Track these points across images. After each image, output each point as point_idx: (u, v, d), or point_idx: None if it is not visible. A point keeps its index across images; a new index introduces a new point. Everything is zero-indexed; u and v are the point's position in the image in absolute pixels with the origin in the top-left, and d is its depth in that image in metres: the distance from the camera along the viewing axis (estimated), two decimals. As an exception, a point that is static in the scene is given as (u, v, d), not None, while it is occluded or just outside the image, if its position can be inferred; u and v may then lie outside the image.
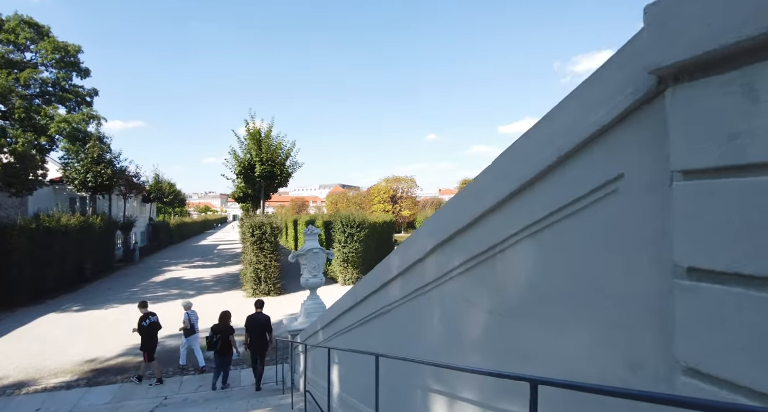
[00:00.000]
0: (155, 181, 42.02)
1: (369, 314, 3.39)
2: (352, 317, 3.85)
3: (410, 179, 36.86)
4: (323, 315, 5.15)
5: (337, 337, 4.49)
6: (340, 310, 4.14)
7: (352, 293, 3.74)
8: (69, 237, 18.93)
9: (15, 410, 7.48)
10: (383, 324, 3.19)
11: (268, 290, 17.16)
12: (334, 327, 4.53)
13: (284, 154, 19.48)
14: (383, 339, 3.21)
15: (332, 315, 4.56)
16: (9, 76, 23.78)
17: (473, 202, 1.86)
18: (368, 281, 3.35)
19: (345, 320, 4.07)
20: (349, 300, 3.80)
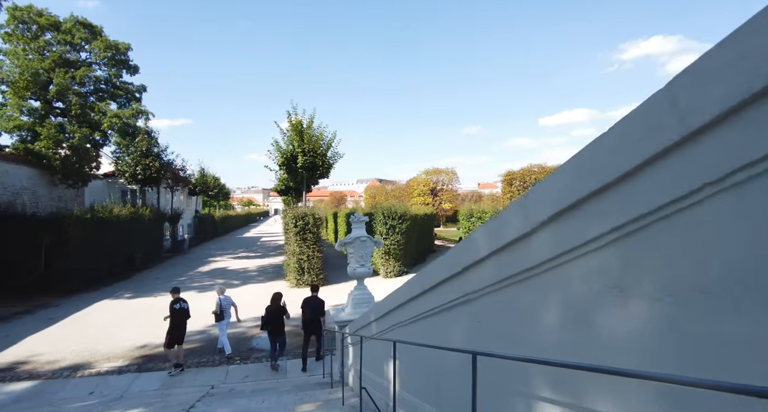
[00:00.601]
0: (201, 174, 43.29)
1: (442, 303, 2.90)
2: (418, 307, 3.37)
3: (451, 171, 35.92)
4: (378, 305, 4.72)
5: (397, 329, 4.03)
6: (402, 299, 3.67)
7: (419, 280, 3.25)
8: (120, 228, 19.58)
9: (71, 392, 7.57)
10: (463, 315, 2.69)
11: (311, 280, 17.00)
12: (393, 318, 4.07)
13: (325, 145, 19.27)
14: (464, 332, 2.71)
15: (390, 305, 4.10)
16: (66, 74, 24.91)
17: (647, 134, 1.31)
18: (442, 265, 2.85)
19: (409, 310, 3.60)
20: (415, 287, 3.32)
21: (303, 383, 7.42)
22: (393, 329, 4.15)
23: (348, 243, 7.74)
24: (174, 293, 8.72)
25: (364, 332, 5.34)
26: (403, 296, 3.64)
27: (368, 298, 7.67)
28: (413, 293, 3.40)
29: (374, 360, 4.95)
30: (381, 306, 4.50)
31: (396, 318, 4.00)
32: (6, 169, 19.82)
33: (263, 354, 9.40)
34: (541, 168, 36.07)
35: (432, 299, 3.07)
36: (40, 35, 25.60)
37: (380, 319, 4.57)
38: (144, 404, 6.09)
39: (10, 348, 9.81)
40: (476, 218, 20.40)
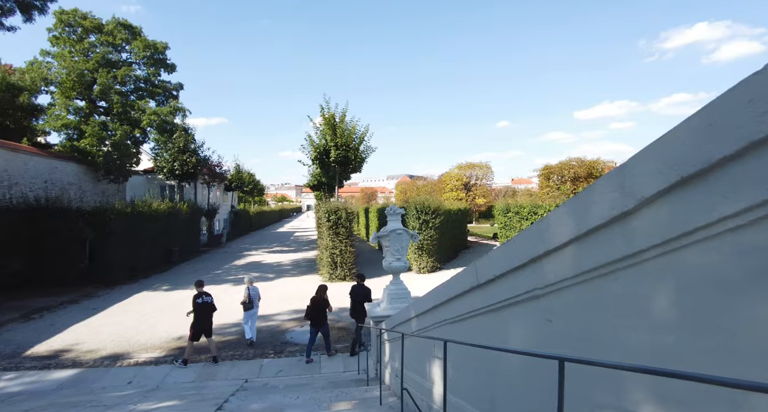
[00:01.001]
0: (236, 171, 44.09)
1: (501, 300, 2.54)
2: (470, 303, 3.02)
3: (485, 165, 35.02)
4: (419, 301, 4.39)
5: (443, 326, 3.69)
6: (450, 294, 3.32)
7: (471, 273, 2.90)
8: (159, 222, 20.08)
9: (110, 381, 7.66)
10: (527, 313, 2.32)
11: (343, 275, 16.91)
12: (438, 315, 3.74)
13: (358, 139, 19.06)
14: (528, 333, 2.34)
15: (435, 301, 3.77)
16: (108, 74, 25.79)
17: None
18: (502, 255, 2.49)
19: (458, 307, 3.26)
20: (467, 282, 2.97)
21: (338, 379, 7.21)
22: (438, 327, 3.81)
23: (383, 236, 7.45)
24: (198, 287, 8.74)
25: (403, 328, 5.03)
26: (452, 291, 3.29)
27: (404, 293, 7.36)
28: (464, 287, 3.05)
29: (415, 359, 4.64)
30: (423, 302, 4.17)
31: (441, 315, 3.66)
32: (55, 166, 20.70)
33: (297, 348, 9.27)
34: (580, 161, 34.65)
35: (488, 295, 2.71)
36: (84, 37, 26.60)
37: (422, 315, 4.24)
38: (179, 397, 6.02)
39: (56, 336, 10.11)
40: (513, 213, 19.67)
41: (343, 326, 10.97)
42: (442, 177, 40.66)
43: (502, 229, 21.02)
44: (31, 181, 18.65)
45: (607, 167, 34.49)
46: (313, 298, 8.85)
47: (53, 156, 21.00)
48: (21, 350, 9.23)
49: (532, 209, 18.15)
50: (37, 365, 8.45)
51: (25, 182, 18.24)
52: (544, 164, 33.98)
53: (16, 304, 13.12)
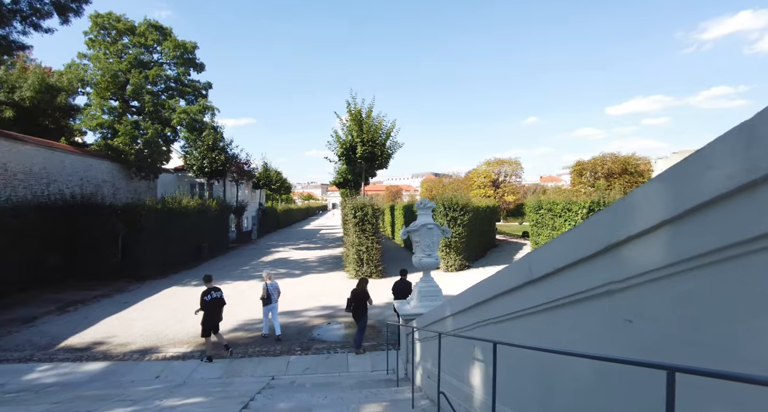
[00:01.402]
0: (264, 169, 44.64)
1: (563, 296, 2.20)
2: (520, 301, 2.68)
3: (514, 162, 34.01)
4: (457, 299, 4.06)
5: (485, 326, 3.36)
6: (495, 290, 2.99)
7: (522, 267, 2.57)
8: (188, 218, 20.38)
9: (138, 375, 7.66)
10: (597, 311, 1.98)
11: (370, 272, 16.68)
12: (480, 313, 3.41)
13: (384, 135, 18.78)
14: (598, 335, 2.00)
15: (476, 298, 3.44)
16: (140, 74, 26.39)
17: None
18: (563, 246, 2.16)
19: (505, 305, 2.93)
20: (517, 276, 2.64)
21: (366, 379, 6.96)
22: (479, 327, 3.48)
23: (413, 231, 7.12)
24: (206, 282, 8.57)
25: (437, 327, 4.72)
26: (497, 288, 2.96)
27: (435, 291, 7.02)
28: (512, 284, 2.72)
29: (451, 361, 4.32)
30: (461, 300, 3.84)
31: (484, 314, 3.33)
32: (90, 164, 21.32)
33: (324, 346, 9.09)
34: (614, 157, 33.29)
35: (544, 291, 2.37)
36: (118, 40, 27.32)
37: (460, 314, 3.92)
38: (205, 393, 5.90)
39: (89, 329, 10.27)
40: (545, 210, 18.98)
41: (372, 324, 10.71)
42: (469, 174, 39.92)
43: (534, 227, 20.34)
44: (68, 178, 19.22)
45: (643, 163, 33.07)
46: (354, 291, 8.94)
47: (88, 154, 21.62)
48: (56, 342, 9.39)
49: (566, 205, 17.44)
50: (70, 356, 8.56)
51: (63, 180, 18.82)
52: (577, 160, 32.81)
53: (53, 297, 13.48)
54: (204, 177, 27.72)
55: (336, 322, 10.94)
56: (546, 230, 19.02)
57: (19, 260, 13.69)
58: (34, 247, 14.27)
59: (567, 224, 17.39)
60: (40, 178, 17.41)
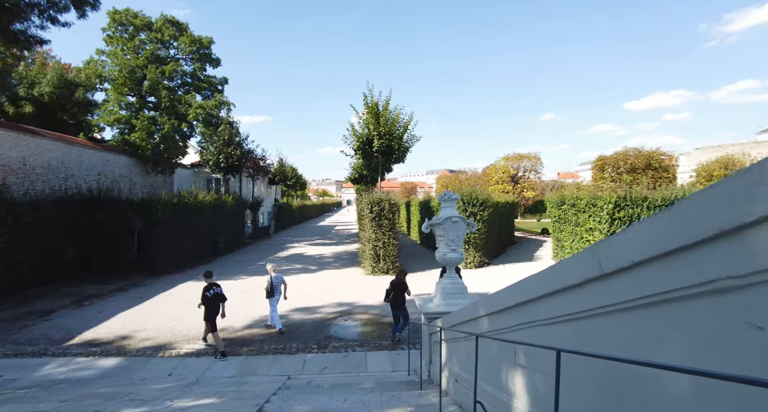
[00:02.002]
0: (279, 164, 44.63)
1: (645, 295, 1.77)
2: (582, 300, 2.25)
3: (534, 156, 33.17)
4: (492, 297, 3.64)
5: (532, 328, 2.94)
6: (548, 288, 2.57)
7: (587, 260, 2.13)
8: (204, 213, 20.29)
9: (151, 372, 7.43)
10: (703, 315, 1.55)
11: (386, 268, 16.31)
12: (526, 313, 2.98)
13: (401, 128, 18.32)
14: (709, 344, 1.56)
15: (519, 296, 3.02)
16: (157, 70, 26.42)
17: None
18: (650, 233, 1.73)
19: (559, 304, 2.50)
20: (579, 271, 2.21)
21: (386, 380, 6.58)
22: (523, 329, 3.06)
23: (437, 224, 6.70)
24: (207, 278, 8.57)
25: (468, 328, 4.30)
26: (550, 285, 2.54)
27: (460, 288, 6.59)
28: (572, 280, 2.29)
29: (485, 365, 3.90)
30: (501, 298, 3.42)
31: (530, 314, 2.90)
32: (107, 159, 21.41)
33: (341, 344, 8.74)
34: (637, 152, 32.24)
35: (617, 289, 1.94)
36: (135, 35, 27.40)
37: (498, 314, 3.50)
38: (218, 393, 5.60)
39: (103, 323, 10.13)
40: (568, 206, 18.30)
41: (390, 321, 10.34)
42: (486, 170, 39.21)
43: (556, 223, 19.67)
44: (86, 173, 19.29)
45: (668, 158, 31.93)
46: (393, 282, 9.03)
47: (106, 149, 21.71)
48: (70, 336, 9.26)
49: (591, 200, 16.76)
50: (83, 352, 8.39)
51: (80, 174, 18.88)
52: (599, 155, 31.84)
53: (70, 290, 13.47)
54: (220, 172, 27.69)
55: (353, 319, 10.60)
56: (569, 226, 18.36)
57: (38, 254, 13.69)
58: (52, 240, 14.27)
59: (591, 219, 16.73)
60: (59, 172, 17.47)
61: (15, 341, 9.03)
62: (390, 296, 8.93)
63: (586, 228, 17.00)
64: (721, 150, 47.70)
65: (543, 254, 21.75)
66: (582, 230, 17.34)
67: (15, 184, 14.97)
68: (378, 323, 10.26)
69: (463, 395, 4.62)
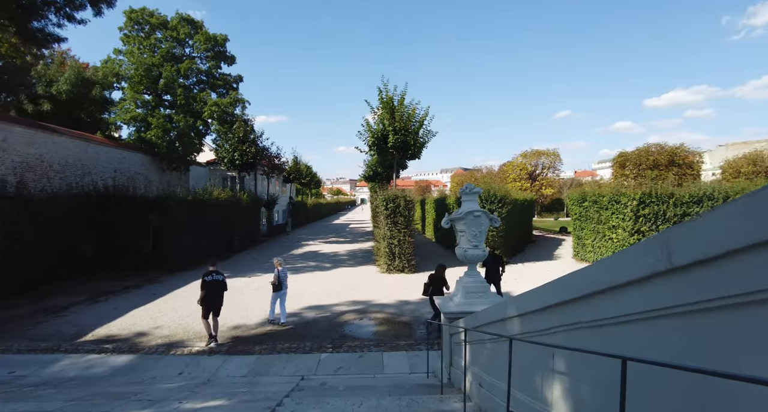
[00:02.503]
0: (294, 162, 44.58)
1: (736, 294, 1.41)
2: (641, 299, 1.90)
3: (553, 153, 32.38)
4: (526, 296, 3.29)
5: (574, 331, 2.59)
6: (598, 285, 2.21)
7: (652, 250, 1.77)
8: (219, 210, 20.24)
9: (161, 370, 7.24)
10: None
11: (402, 266, 15.99)
12: (567, 314, 2.62)
13: (417, 123, 17.92)
14: None
15: (560, 295, 2.66)
16: (172, 68, 26.51)
17: None
18: (736, 216, 1.37)
19: (610, 304, 2.14)
20: (640, 265, 1.85)
21: (404, 383, 6.26)
22: (563, 331, 2.71)
23: (457, 219, 6.33)
24: (210, 266, 8.90)
25: (496, 329, 3.95)
26: (601, 281, 2.18)
27: (482, 286, 6.23)
28: (628, 275, 1.94)
29: (517, 371, 3.54)
30: (536, 297, 3.07)
31: (572, 315, 2.54)
32: (124, 156, 21.51)
33: (357, 343, 8.44)
34: (660, 148, 31.24)
35: (693, 286, 1.59)
36: (151, 34, 27.55)
37: (533, 314, 3.14)
38: (228, 394, 5.35)
39: (116, 320, 10.02)
40: (590, 202, 17.69)
41: (406, 320, 10.04)
42: (503, 167, 38.50)
43: (577, 220, 19.07)
44: (102, 170, 19.39)
45: (693, 154, 30.84)
46: (432, 276, 9.04)
47: (122, 147, 21.83)
48: (83, 333, 9.16)
49: (614, 197, 16.16)
50: (95, 348, 8.27)
51: (97, 171, 18.98)
52: (619, 151, 30.94)
53: (85, 287, 13.48)
54: (235, 170, 27.70)
55: (368, 317, 10.31)
56: (590, 224, 17.77)
57: (54, 251, 13.73)
58: (68, 237, 14.31)
59: (614, 217, 16.14)
60: (76, 169, 17.57)
61: (29, 337, 8.97)
62: (429, 290, 8.96)
63: (609, 226, 16.41)
64: (746, 147, 45.90)
65: (563, 252, 21.15)
66: (604, 228, 16.74)
67: (32, 181, 15.06)
68: (394, 322, 9.95)
69: (489, 400, 4.27)
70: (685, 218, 15.09)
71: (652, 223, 15.14)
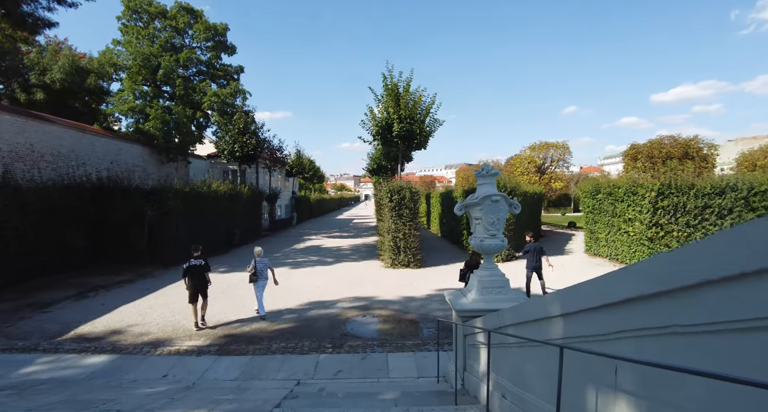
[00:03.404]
0: (297, 156, 43.87)
1: None
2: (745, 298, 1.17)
3: (562, 145, 31.44)
4: (574, 291, 2.55)
5: (653, 338, 1.85)
6: (695, 277, 1.47)
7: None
8: (219, 203, 19.60)
9: (144, 372, 6.58)
10: None
11: (407, 261, 15.27)
12: (636, 315, 1.90)
13: (423, 111, 17.12)
14: None
15: (628, 290, 1.93)
16: (171, 57, 25.81)
17: None
18: None
19: (710, 303, 1.41)
20: (742, 255, 1.11)
21: (412, 389, 5.55)
22: (638, 337, 1.98)
23: (472, 205, 5.58)
24: (194, 251, 8.99)
25: (528, 332, 3.23)
26: (707, 269, 1.44)
27: (501, 281, 5.48)
28: (729, 268, 1.21)
29: (553, 383, 2.82)
30: (590, 291, 2.34)
31: (656, 315, 1.81)
32: (121, 148, 20.88)
33: (359, 343, 7.75)
34: (673, 140, 30.32)
35: None
36: (150, 23, 26.86)
37: (586, 314, 2.41)
38: (212, 403, 4.67)
39: (103, 317, 9.39)
40: (604, 194, 16.87)
41: (413, 318, 9.33)
42: (510, 160, 37.63)
43: (590, 214, 18.25)
44: (98, 161, 18.77)
45: (708, 147, 29.85)
46: (468, 262, 8.89)
47: (119, 138, 21.19)
48: (66, 330, 8.53)
49: (631, 188, 15.33)
50: (76, 347, 7.62)
51: (92, 163, 18.36)
52: (631, 144, 30.01)
53: (77, 281, 12.86)
54: (235, 162, 27.01)
55: (372, 315, 9.61)
56: (605, 217, 16.97)
57: (45, 243, 13.12)
58: (60, 229, 13.69)
59: (630, 209, 15.34)
60: (69, 160, 16.94)
61: (8, 334, 8.34)
62: (466, 276, 8.75)
63: (625, 218, 15.61)
64: (756, 141, 44.79)
65: (574, 247, 20.38)
66: (619, 221, 15.95)
67: (23, 171, 14.45)
68: (399, 320, 9.25)
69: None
70: (706, 211, 14.28)
71: (671, 215, 14.34)
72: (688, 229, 14.28)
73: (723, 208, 14.25)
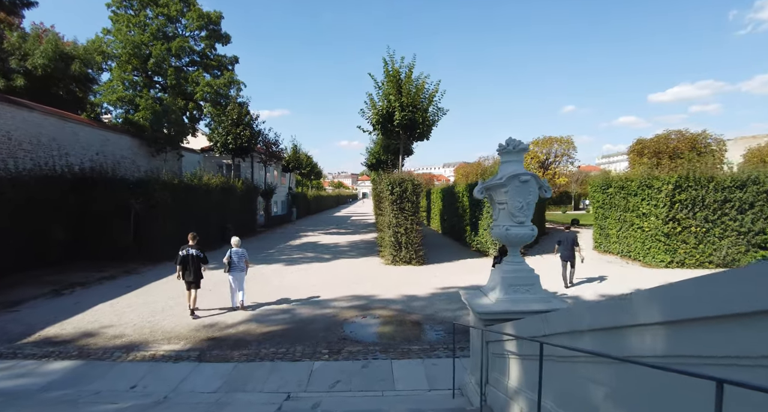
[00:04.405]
0: (294, 151, 42.85)
1: None
2: None
3: (566, 140, 30.55)
4: (683, 287, 1.66)
5: None
6: None
7: None
8: (211, 197, 18.65)
9: (111, 382, 5.67)
10: None
11: (409, 257, 14.38)
12: None
13: (426, 99, 16.21)
14: None
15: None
16: (163, 46, 24.76)
17: None
18: None
19: None
20: None
21: (424, 406, 4.66)
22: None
23: (496, 186, 4.67)
24: (191, 238, 8.96)
25: (588, 343, 2.35)
26: None
27: (530, 277, 4.57)
28: None
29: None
30: (720, 288, 1.45)
31: None
32: (107, 138, 19.87)
33: (359, 348, 6.85)
34: (680, 134, 29.54)
35: None
36: (141, 11, 25.80)
37: (695, 325, 1.52)
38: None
39: (74, 317, 8.46)
40: (616, 189, 16.03)
41: (417, 319, 8.44)
42: (512, 156, 36.70)
43: (599, 209, 17.41)
44: (82, 152, 17.78)
45: (717, 142, 29.08)
46: (501, 248, 8.69)
47: (105, 128, 20.18)
48: (29, 332, 7.61)
49: (645, 181, 14.47)
50: (37, 352, 6.71)
51: (76, 153, 17.37)
52: (637, 138, 29.19)
53: (54, 278, 11.89)
54: (229, 154, 26.03)
55: (372, 316, 8.72)
56: (615, 212, 16.12)
57: (19, 236, 12.16)
58: (36, 221, 12.73)
59: (645, 203, 14.49)
60: (50, 150, 15.94)
61: (-36, 336, 7.42)
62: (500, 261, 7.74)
63: (639, 213, 14.75)
64: (755, 141, 44.25)
65: (581, 244, 19.50)
66: (632, 216, 15.09)
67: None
68: (403, 321, 8.37)
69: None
70: (726, 205, 13.47)
71: (689, 210, 13.50)
72: (706, 224, 13.46)
73: (744, 202, 13.45)
